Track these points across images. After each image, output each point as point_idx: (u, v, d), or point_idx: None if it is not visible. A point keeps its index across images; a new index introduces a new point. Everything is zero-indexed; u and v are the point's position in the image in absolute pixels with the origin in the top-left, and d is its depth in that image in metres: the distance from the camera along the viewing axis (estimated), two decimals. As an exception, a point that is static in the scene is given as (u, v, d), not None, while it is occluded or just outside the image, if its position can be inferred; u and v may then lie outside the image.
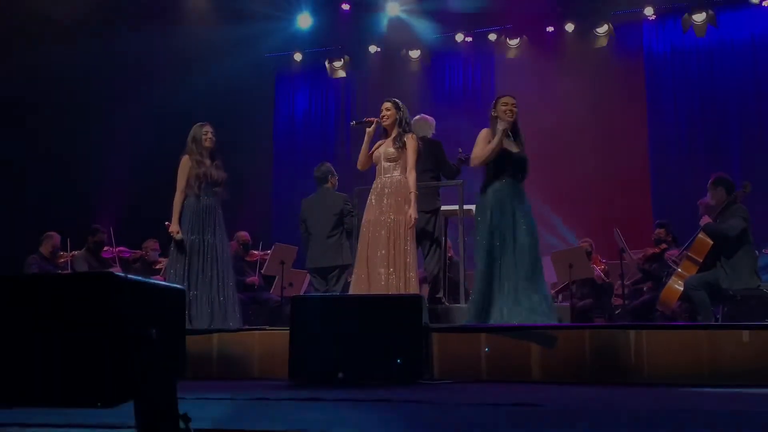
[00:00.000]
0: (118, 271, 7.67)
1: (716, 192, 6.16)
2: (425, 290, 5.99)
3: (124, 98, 10.34)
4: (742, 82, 10.85)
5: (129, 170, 10.05)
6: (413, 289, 5.20)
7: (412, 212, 5.21)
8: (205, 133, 5.94)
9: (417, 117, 6.54)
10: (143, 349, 1.68)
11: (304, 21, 12.29)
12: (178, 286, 2.32)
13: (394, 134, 5.44)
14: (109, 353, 1.64)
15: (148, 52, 10.30)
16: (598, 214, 10.41)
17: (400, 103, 5.60)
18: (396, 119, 5.47)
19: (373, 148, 5.53)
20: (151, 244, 8.64)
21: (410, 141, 5.40)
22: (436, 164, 6.28)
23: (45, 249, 7.91)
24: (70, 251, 8.28)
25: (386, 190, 5.36)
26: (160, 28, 10.48)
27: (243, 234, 8.60)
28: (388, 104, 5.56)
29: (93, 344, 1.74)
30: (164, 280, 6.15)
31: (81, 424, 2.25)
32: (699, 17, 10.70)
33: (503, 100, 5.43)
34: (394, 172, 5.38)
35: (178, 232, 5.72)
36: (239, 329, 5.34)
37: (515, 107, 5.41)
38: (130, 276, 1.86)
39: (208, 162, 5.88)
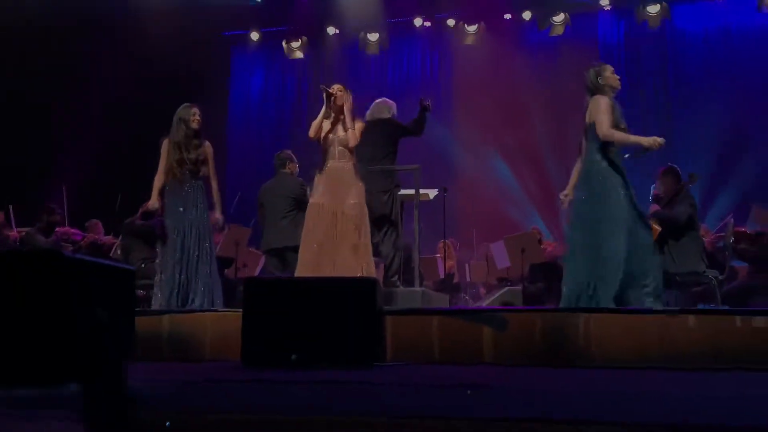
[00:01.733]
0: (68, 251, 7.53)
1: (665, 181, 6.30)
2: (380, 272, 6.00)
3: (81, 74, 10.13)
4: (694, 72, 11.08)
5: (84, 149, 9.85)
6: (370, 272, 5.22)
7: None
8: (193, 114, 5.90)
9: (378, 100, 6.52)
10: (91, 328, 1.65)
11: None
12: (127, 266, 2.28)
13: (344, 118, 5.44)
14: (55, 332, 1.60)
15: (102, 25, 10.08)
16: (552, 201, 10.54)
17: (350, 92, 5.62)
18: (347, 103, 5.48)
19: (322, 126, 5.51)
20: (94, 225, 8.50)
21: (358, 124, 5.46)
22: (395, 143, 6.29)
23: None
24: (16, 228, 8.09)
25: (339, 177, 5.36)
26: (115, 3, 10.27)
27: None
28: (341, 86, 5.56)
29: (39, 323, 1.70)
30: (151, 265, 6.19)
31: (22, 405, 2.20)
32: (653, 9, 10.89)
33: (611, 68, 5.25)
34: (344, 158, 5.43)
35: (154, 205, 5.85)
36: (191, 310, 5.28)
37: None
38: (78, 255, 1.82)
39: (192, 143, 5.84)
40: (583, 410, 2.28)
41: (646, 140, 4.90)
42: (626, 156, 5.03)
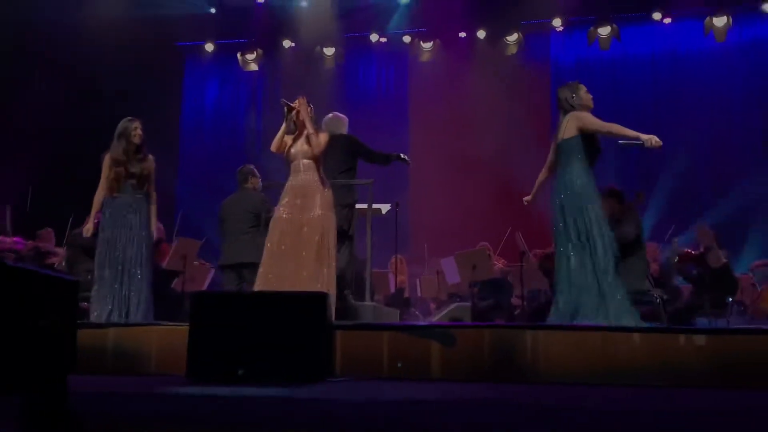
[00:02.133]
0: (11, 260, 7.35)
1: (608, 202, 6.39)
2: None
3: (27, 80, 9.93)
4: (642, 93, 11.39)
5: (31, 158, 9.66)
6: (331, 285, 5.21)
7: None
8: (134, 129, 5.88)
9: (330, 115, 6.53)
10: (32, 339, 1.62)
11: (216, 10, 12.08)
12: (71, 277, 2.25)
13: (307, 132, 5.44)
14: (-7, 345, 1.57)
15: (53, 30, 9.91)
16: (501, 217, 10.66)
17: (310, 105, 5.61)
18: (310, 117, 5.49)
19: (285, 140, 5.51)
20: (46, 234, 8.33)
21: (322, 136, 5.44)
22: (354, 158, 6.30)
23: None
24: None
25: (305, 190, 5.35)
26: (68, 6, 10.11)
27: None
28: (303, 100, 5.55)
29: (-24, 336, 1.66)
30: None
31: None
32: (604, 31, 11.14)
33: (584, 87, 5.27)
34: (310, 171, 5.40)
35: (88, 230, 5.86)
36: (136, 324, 5.21)
37: None
38: (19, 264, 1.79)
39: (135, 158, 5.83)
40: (524, 427, 2.32)
41: (644, 136, 4.92)
42: (620, 142, 5.05)
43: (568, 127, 5.07)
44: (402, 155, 6.57)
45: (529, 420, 2.48)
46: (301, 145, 5.44)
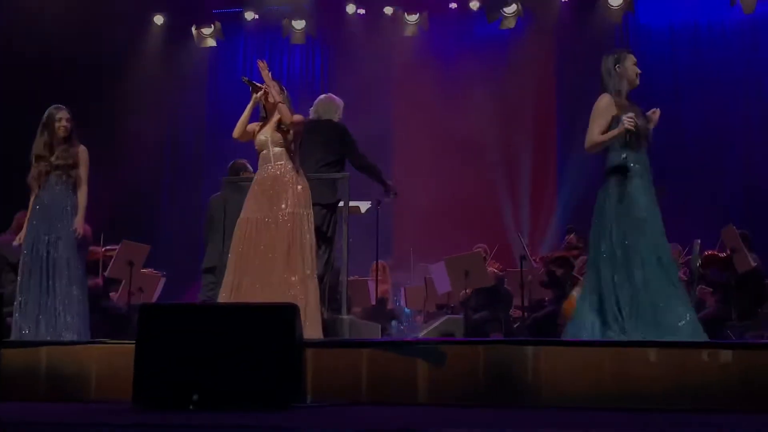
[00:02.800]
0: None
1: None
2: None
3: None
4: (660, 69, 11.42)
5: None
6: (314, 294, 5.19)
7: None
8: (59, 119, 5.85)
9: (323, 96, 6.51)
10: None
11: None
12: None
13: (276, 117, 5.40)
14: None
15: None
16: (499, 215, 10.70)
17: (282, 86, 5.59)
18: (280, 95, 5.45)
19: (253, 128, 5.49)
20: None
21: (297, 116, 5.43)
22: (341, 150, 6.26)
23: None
24: None
25: (275, 183, 5.31)
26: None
27: (85, 228, 8.31)
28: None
29: None
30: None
31: None
32: (615, 2, 11.20)
33: (633, 58, 5.19)
34: (281, 160, 5.35)
35: (20, 238, 5.93)
36: (73, 342, 5.16)
37: None
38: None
39: (57, 150, 5.82)
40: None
41: (619, 130, 4.92)
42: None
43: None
44: (392, 187, 6.54)
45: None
46: (271, 132, 5.40)
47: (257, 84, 5.49)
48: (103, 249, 8.37)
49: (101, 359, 4.69)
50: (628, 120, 4.87)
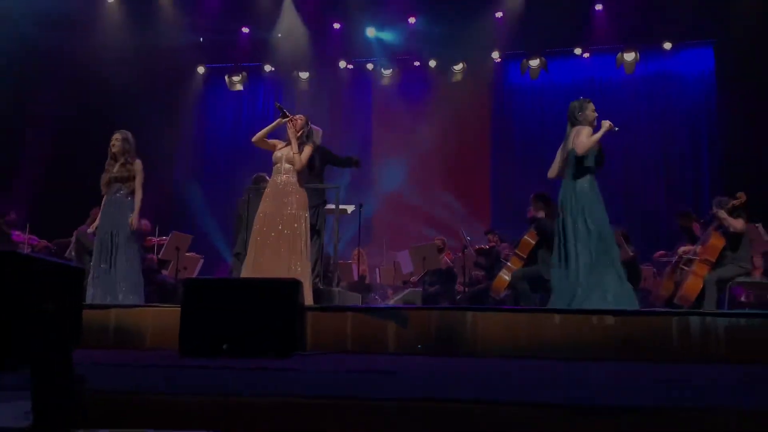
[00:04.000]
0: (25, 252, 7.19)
1: (536, 205, 6.48)
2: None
3: (44, 93, 9.74)
4: (564, 116, 11.49)
5: (45, 162, 9.51)
6: (305, 273, 5.20)
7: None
8: (113, 141, 5.87)
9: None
10: (40, 319, 1.59)
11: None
12: (77, 265, 2.21)
13: (296, 145, 5.38)
14: (7, 323, 1.54)
15: (66, 50, 9.76)
16: (449, 216, 10.76)
17: (307, 119, 5.58)
18: (303, 133, 5.43)
19: (275, 143, 5.45)
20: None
21: (307, 148, 5.40)
22: (323, 165, 6.34)
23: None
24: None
25: (285, 189, 5.31)
26: (79, 30, 9.96)
27: (144, 223, 8.26)
28: (304, 118, 5.51)
29: (-7, 315, 1.63)
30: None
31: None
32: (534, 63, 11.31)
33: (592, 105, 5.19)
34: (290, 173, 5.35)
35: (93, 227, 6.00)
36: (134, 305, 5.14)
37: None
38: (32, 254, 1.76)
39: (114, 164, 5.81)
40: (464, 392, 2.35)
41: (603, 130, 4.98)
42: (616, 129, 5.06)
43: (572, 138, 5.06)
44: (356, 159, 6.57)
45: (474, 386, 2.51)
46: (287, 152, 5.39)
47: (286, 112, 5.45)
48: (157, 238, 8.33)
49: (155, 318, 4.67)
50: (609, 122, 4.92)
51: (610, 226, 4.98)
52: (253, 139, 5.47)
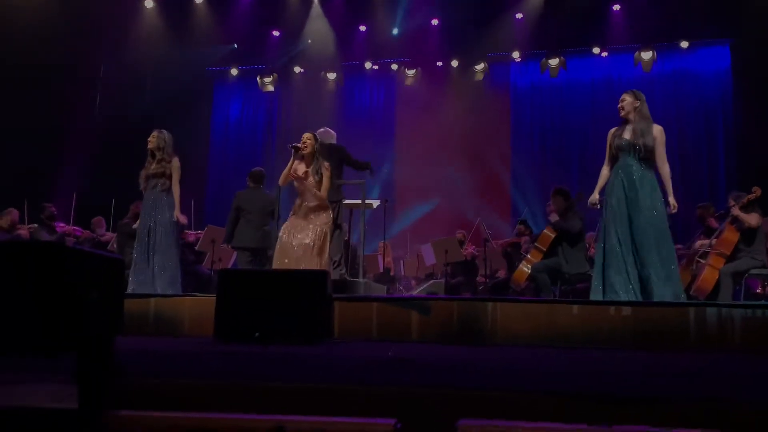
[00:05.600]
0: (71, 243, 7.32)
1: (556, 200, 6.42)
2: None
3: (84, 98, 9.89)
4: (583, 113, 11.41)
5: (87, 158, 9.67)
6: (325, 266, 5.20)
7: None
8: (150, 138, 5.92)
9: (321, 129, 6.48)
10: (84, 308, 1.62)
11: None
12: (118, 256, 2.25)
13: (312, 164, 5.31)
14: (54, 311, 1.56)
15: (101, 50, 9.91)
16: (470, 211, 10.69)
17: (317, 136, 5.51)
18: (314, 150, 5.35)
19: (292, 167, 5.38)
20: (98, 221, 8.33)
21: (326, 171, 5.33)
22: (341, 164, 6.31)
23: (4, 222, 7.43)
24: (28, 225, 7.84)
25: (308, 213, 5.30)
26: (116, 40, 10.09)
27: (182, 218, 8.35)
28: (309, 134, 5.40)
29: (43, 302, 1.66)
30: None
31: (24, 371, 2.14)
32: (553, 62, 11.16)
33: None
34: (316, 198, 5.31)
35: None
36: (173, 295, 5.19)
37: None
38: (76, 246, 1.78)
39: (152, 162, 5.84)
40: (487, 380, 2.33)
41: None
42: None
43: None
44: (371, 167, 6.51)
45: (495, 374, 2.50)
46: (308, 177, 5.31)
47: (297, 146, 5.34)
48: (194, 232, 8.42)
49: (192, 307, 4.72)
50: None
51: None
52: (281, 182, 5.42)
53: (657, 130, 4.83)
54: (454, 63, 11.84)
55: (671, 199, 4.72)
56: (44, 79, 9.18)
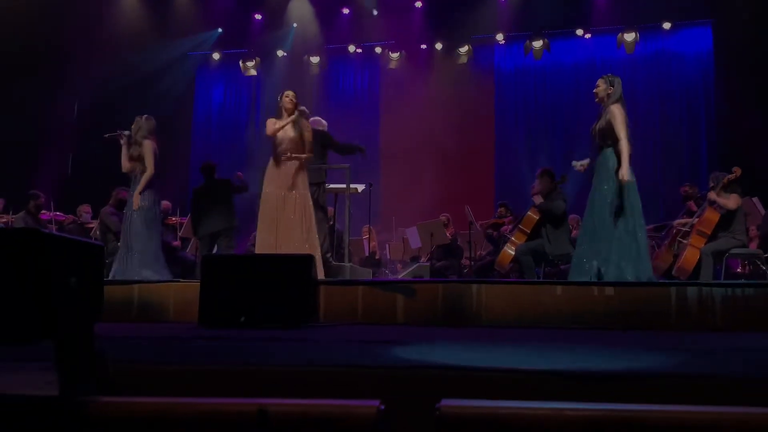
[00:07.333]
0: (53, 230, 7.23)
1: (543, 180, 6.44)
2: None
3: (62, 82, 9.71)
4: (567, 95, 11.41)
5: (67, 143, 9.53)
6: (314, 247, 5.18)
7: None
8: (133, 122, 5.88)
9: (312, 119, 6.44)
10: (62, 294, 1.59)
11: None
12: (98, 242, 2.21)
13: (293, 117, 5.32)
14: (31, 297, 1.54)
15: (81, 36, 9.74)
16: (454, 194, 10.69)
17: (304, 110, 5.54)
18: (294, 105, 5.38)
19: (276, 124, 5.37)
20: (84, 208, 8.22)
21: (306, 128, 5.35)
22: (326, 149, 6.30)
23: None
24: (12, 214, 7.75)
25: (288, 169, 5.27)
26: (97, 25, 9.93)
27: (165, 203, 8.29)
28: (291, 93, 5.46)
29: (19, 289, 1.63)
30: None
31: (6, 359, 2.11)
32: (537, 44, 11.14)
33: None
34: (294, 153, 5.29)
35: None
36: (158, 281, 5.16)
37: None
38: (53, 232, 1.75)
39: (131, 145, 5.83)
40: (470, 358, 2.34)
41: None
42: None
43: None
44: (360, 147, 6.50)
45: (479, 354, 2.50)
46: (287, 132, 5.32)
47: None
48: (177, 218, 8.36)
49: (177, 293, 4.70)
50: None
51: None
52: (270, 134, 5.39)
53: (613, 107, 4.84)
54: (438, 46, 11.78)
55: (621, 171, 4.73)
56: (26, 66, 9.02)
